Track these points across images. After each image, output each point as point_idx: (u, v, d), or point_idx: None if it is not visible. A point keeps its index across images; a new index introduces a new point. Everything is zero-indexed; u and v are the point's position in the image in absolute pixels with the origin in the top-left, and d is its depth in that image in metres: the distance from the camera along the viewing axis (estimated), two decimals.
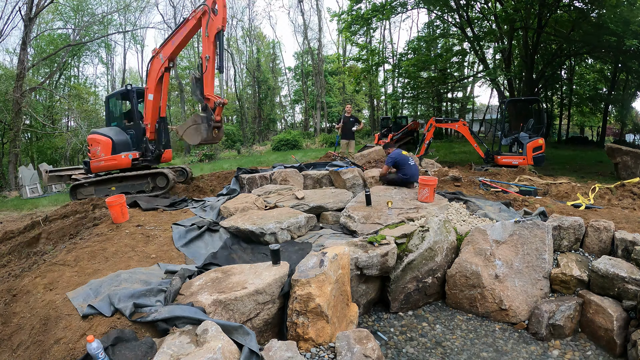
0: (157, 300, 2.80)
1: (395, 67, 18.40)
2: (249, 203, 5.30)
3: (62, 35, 24.81)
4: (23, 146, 21.57)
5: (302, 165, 7.87)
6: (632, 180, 6.68)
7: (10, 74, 19.69)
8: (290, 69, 40.08)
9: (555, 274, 3.72)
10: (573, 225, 4.08)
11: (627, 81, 21.15)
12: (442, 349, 3.24)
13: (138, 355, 2.27)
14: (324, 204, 5.28)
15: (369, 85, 28.82)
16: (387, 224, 4.48)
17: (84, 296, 2.89)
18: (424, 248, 3.89)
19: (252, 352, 2.34)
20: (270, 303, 2.92)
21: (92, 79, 32.78)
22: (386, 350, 3.23)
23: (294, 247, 4.14)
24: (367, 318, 3.76)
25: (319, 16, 30.49)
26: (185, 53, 34.17)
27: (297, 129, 34.38)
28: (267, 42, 37.38)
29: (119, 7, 24.82)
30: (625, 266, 3.43)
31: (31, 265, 3.66)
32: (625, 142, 23.67)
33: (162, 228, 4.58)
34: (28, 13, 16.90)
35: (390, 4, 14.22)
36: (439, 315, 3.80)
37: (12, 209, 11.17)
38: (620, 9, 10.11)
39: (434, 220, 4.19)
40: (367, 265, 3.61)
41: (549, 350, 3.19)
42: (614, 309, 3.23)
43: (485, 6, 15.27)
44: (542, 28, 13.59)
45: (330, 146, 22.93)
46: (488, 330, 3.50)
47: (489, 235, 3.93)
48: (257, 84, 30.89)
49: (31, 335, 2.60)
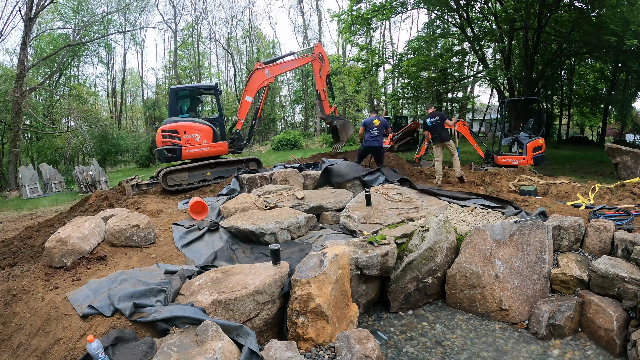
0: (157, 300, 2.80)
1: (395, 67, 18.37)
2: (249, 203, 5.30)
3: (62, 35, 24.81)
4: (23, 146, 21.56)
5: (302, 165, 7.87)
6: (632, 180, 6.67)
7: (10, 74, 19.69)
8: None
9: (555, 274, 3.72)
10: (573, 225, 4.08)
11: (627, 81, 21.14)
12: (442, 349, 3.24)
13: (138, 355, 2.27)
14: (324, 204, 5.27)
15: (369, 86, 28.81)
16: (387, 224, 4.48)
17: (83, 296, 2.89)
18: (424, 248, 3.88)
19: (252, 352, 2.34)
20: (270, 303, 2.92)
21: (92, 79, 32.76)
22: (386, 350, 3.23)
23: (294, 247, 4.14)
24: (367, 318, 3.76)
25: (318, 16, 30.56)
26: (185, 53, 34.21)
27: (297, 129, 34.36)
28: (267, 42, 37.39)
29: (119, 7, 24.81)
30: (625, 266, 3.44)
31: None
32: (625, 142, 23.66)
33: (162, 228, 4.58)
34: (28, 13, 16.91)
35: (390, 4, 14.21)
36: (439, 314, 3.80)
37: (12, 209, 11.18)
38: (620, 9, 10.11)
39: (434, 220, 4.19)
40: (367, 265, 3.61)
41: (549, 350, 3.19)
42: (614, 309, 3.23)
43: (485, 6, 15.26)
44: (542, 28, 13.58)
45: (330, 146, 22.90)
46: (488, 330, 3.50)
47: (489, 235, 3.93)
48: None
49: (31, 336, 2.60)
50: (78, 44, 23.50)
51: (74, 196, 12.70)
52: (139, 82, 37.67)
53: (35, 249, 4.67)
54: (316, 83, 9.70)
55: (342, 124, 10.26)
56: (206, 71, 37.06)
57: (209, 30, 38.19)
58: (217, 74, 39.56)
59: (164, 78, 35.86)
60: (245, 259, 3.95)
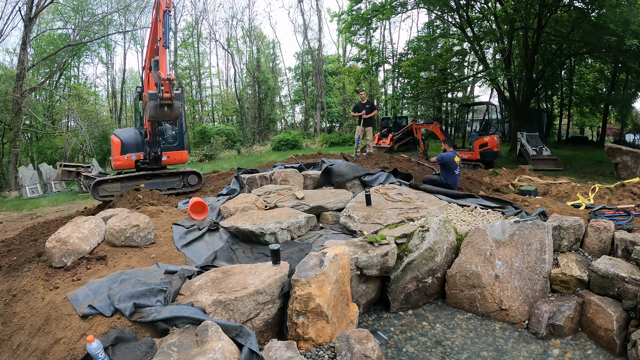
0: (157, 300, 2.80)
1: (395, 67, 18.37)
2: (249, 203, 5.30)
3: (62, 35, 24.80)
4: (23, 146, 21.55)
5: (302, 165, 7.87)
6: (632, 180, 6.68)
7: (10, 74, 19.68)
8: (291, 69, 40.12)
9: (555, 274, 3.72)
10: (573, 225, 4.08)
11: (627, 81, 21.14)
12: (442, 348, 3.24)
13: (138, 355, 2.27)
14: (324, 204, 5.27)
15: (369, 86, 28.82)
16: (387, 224, 4.48)
17: (83, 296, 2.89)
18: (424, 248, 3.88)
19: (252, 352, 2.34)
20: (270, 303, 2.92)
21: (92, 79, 32.80)
22: (386, 350, 3.22)
23: (294, 247, 4.14)
24: (367, 317, 3.76)
25: (319, 16, 30.57)
26: (185, 53, 34.19)
27: (297, 129, 34.37)
28: (267, 42, 37.39)
29: (119, 8, 24.80)
30: (625, 266, 3.43)
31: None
32: (625, 142, 23.65)
33: (162, 228, 4.58)
34: (28, 13, 16.90)
35: (391, 4, 14.20)
36: (439, 314, 3.80)
37: (12, 209, 11.18)
38: (620, 9, 10.10)
39: (434, 220, 4.19)
40: (367, 265, 3.61)
41: (550, 350, 3.19)
42: (614, 309, 3.23)
43: (485, 6, 15.26)
44: (542, 28, 13.57)
45: (330, 146, 22.93)
46: (488, 330, 3.50)
47: (489, 236, 3.93)
48: (257, 84, 30.90)
49: (31, 336, 2.60)
50: (78, 44, 23.51)
51: (74, 196, 12.70)
52: (139, 82, 37.64)
53: (38, 248, 4.66)
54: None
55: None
56: (206, 71, 37.07)
57: (209, 30, 38.27)
58: (217, 74, 39.61)
59: None
60: (245, 259, 3.95)
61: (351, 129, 28.00)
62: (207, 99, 37.63)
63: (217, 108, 38.26)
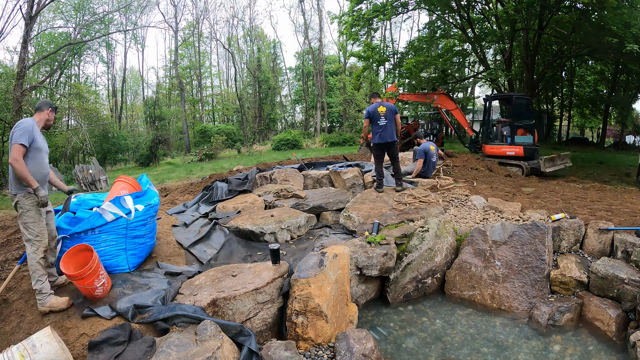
0: (157, 300, 2.80)
1: (396, 67, 18.33)
2: (248, 203, 5.30)
3: (62, 34, 24.78)
4: None
5: (302, 165, 7.87)
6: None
7: (10, 72, 19.65)
8: (291, 69, 40.08)
9: (554, 275, 3.72)
10: (573, 226, 4.08)
11: (628, 83, 21.12)
12: (442, 344, 3.22)
13: (138, 354, 2.27)
14: (324, 204, 5.28)
15: (369, 85, 28.78)
16: (387, 224, 4.48)
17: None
18: (424, 249, 3.89)
19: (252, 352, 2.34)
20: (269, 303, 2.92)
21: (93, 78, 32.71)
22: (386, 345, 3.21)
23: (293, 246, 4.13)
24: (367, 313, 3.74)
25: (319, 16, 30.49)
26: (186, 52, 34.16)
27: (297, 128, 34.33)
28: (268, 42, 37.33)
29: (120, 7, 24.79)
30: (624, 268, 3.44)
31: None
32: (626, 143, 23.65)
33: (162, 228, 4.58)
34: (29, 11, 16.87)
35: (392, 4, 14.17)
36: (438, 310, 3.78)
37: (12, 207, 11.15)
38: (621, 11, 10.08)
39: (433, 221, 4.19)
40: (366, 265, 3.61)
41: (550, 346, 3.17)
42: (613, 310, 3.23)
43: (486, 7, 15.25)
44: (543, 29, 13.56)
45: (331, 146, 22.88)
46: (489, 325, 3.48)
47: (489, 236, 3.93)
48: (257, 83, 30.85)
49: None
50: (79, 43, 23.47)
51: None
52: (139, 81, 37.68)
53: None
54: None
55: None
56: (207, 70, 37.04)
57: (209, 29, 38.16)
58: (217, 74, 39.56)
59: (165, 77, 35.88)
60: (245, 259, 3.95)
61: (351, 129, 27.97)
62: (207, 99, 37.58)
63: (218, 107, 38.24)
